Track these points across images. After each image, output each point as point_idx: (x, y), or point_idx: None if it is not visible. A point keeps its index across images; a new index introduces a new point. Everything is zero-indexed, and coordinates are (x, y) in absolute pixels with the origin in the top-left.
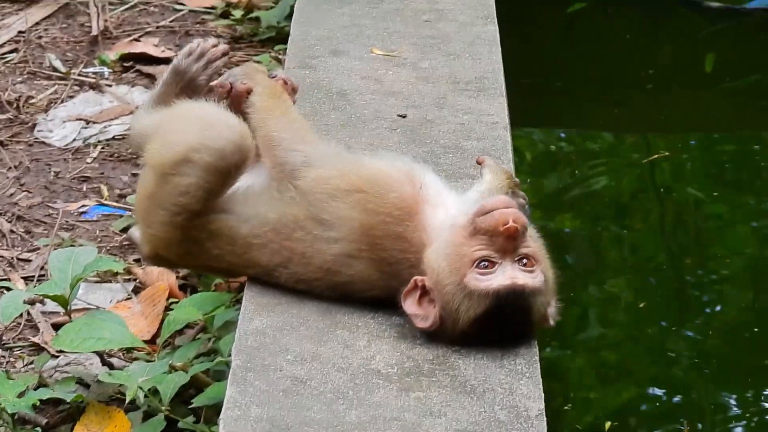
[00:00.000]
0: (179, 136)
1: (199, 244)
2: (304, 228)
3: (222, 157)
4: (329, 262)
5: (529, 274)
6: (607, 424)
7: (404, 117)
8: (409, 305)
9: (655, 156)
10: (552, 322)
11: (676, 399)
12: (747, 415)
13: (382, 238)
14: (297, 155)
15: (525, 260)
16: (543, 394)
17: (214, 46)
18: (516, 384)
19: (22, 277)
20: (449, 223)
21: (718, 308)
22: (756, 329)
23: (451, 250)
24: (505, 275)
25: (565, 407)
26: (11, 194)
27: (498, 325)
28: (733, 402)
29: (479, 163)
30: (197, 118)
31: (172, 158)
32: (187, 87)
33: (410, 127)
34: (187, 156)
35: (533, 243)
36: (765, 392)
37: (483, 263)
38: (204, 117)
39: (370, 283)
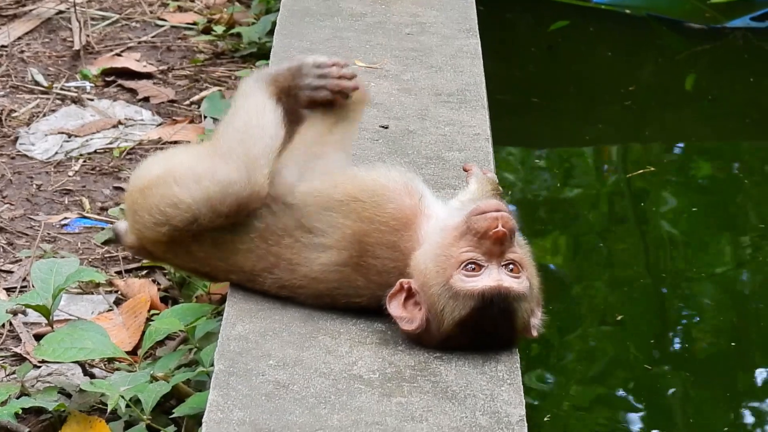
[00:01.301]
0: (210, 155)
1: (184, 246)
2: (292, 236)
3: (222, 202)
4: (316, 270)
5: (515, 279)
6: None
7: (386, 128)
8: (395, 308)
9: (641, 171)
10: (535, 333)
11: (655, 412)
12: (725, 428)
13: (375, 246)
14: (292, 170)
15: (511, 266)
16: (524, 401)
17: (350, 77)
18: (497, 390)
19: (4, 288)
20: (439, 226)
21: (697, 322)
22: (734, 344)
23: (439, 251)
24: (491, 277)
25: (545, 418)
26: None
27: (481, 328)
28: (712, 415)
29: (466, 170)
30: (245, 156)
31: (187, 167)
32: (293, 88)
33: (392, 138)
34: (200, 174)
35: (520, 249)
36: (744, 406)
37: (470, 265)
38: (249, 156)
39: (356, 291)
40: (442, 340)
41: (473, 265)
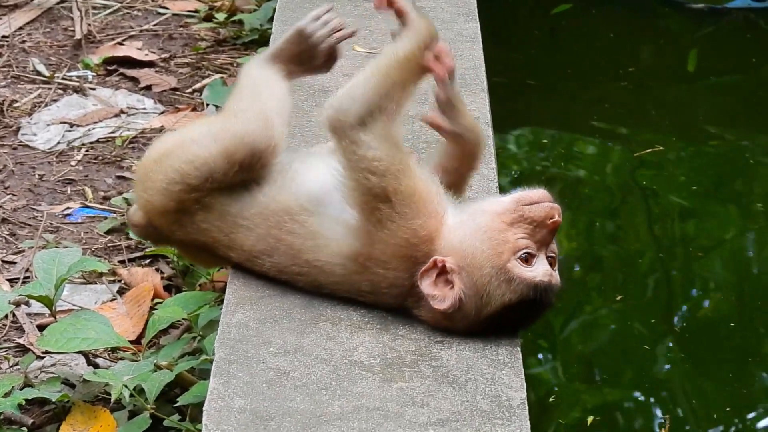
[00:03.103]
0: (224, 118)
1: (190, 214)
2: (297, 220)
3: (238, 151)
4: (322, 260)
5: (556, 273)
6: (590, 419)
7: None
8: (427, 285)
9: (648, 150)
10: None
11: (658, 393)
12: (727, 409)
13: (391, 258)
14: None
15: (551, 258)
16: (525, 384)
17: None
18: (498, 374)
19: (7, 279)
20: (481, 209)
21: (700, 304)
22: (735, 324)
23: (490, 234)
24: (545, 270)
25: (550, 399)
26: None
27: (520, 317)
28: (714, 396)
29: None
30: (259, 111)
31: (203, 129)
32: (305, 51)
33: None
34: (216, 132)
35: (555, 246)
36: (745, 387)
37: (524, 253)
38: (263, 112)
39: (358, 292)
40: (473, 324)
41: (527, 254)
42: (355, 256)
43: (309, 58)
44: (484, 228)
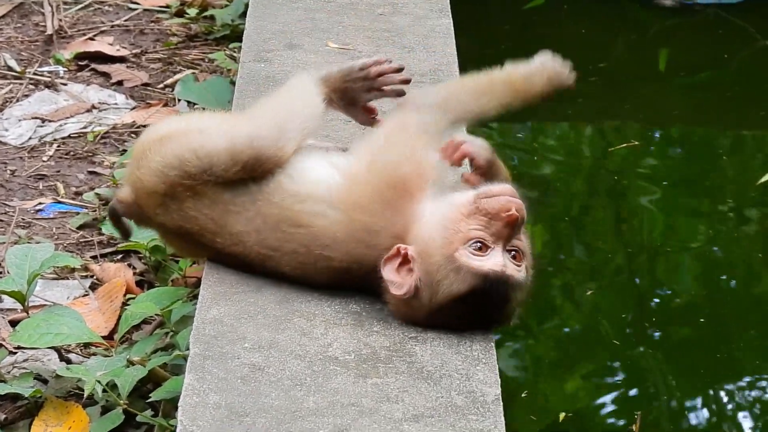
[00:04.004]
0: (242, 119)
1: (178, 201)
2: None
3: (244, 152)
4: (304, 215)
5: (517, 267)
6: (562, 415)
7: None
8: (388, 271)
9: (624, 145)
10: (513, 322)
11: (630, 389)
12: (698, 405)
13: (373, 201)
14: None
15: (515, 253)
16: (499, 380)
17: (397, 70)
18: (472, 370)
19: None
20: (446, 201)
21: (671, 299)
22: (706, 320)
23: (446, 223)
24: (496, 261)
25: (522, 395)
26: None
27: (474, 308)
28: (685, 391)
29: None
30: (278, 121)
31: (216, 123)
32: (351, 90)
33: None
34: (227, 129)
35: (524, 239)
36: (716, 383)
37: (476, 243)
38: (283, 122)
39: (334, 242)
40: (429, 313)
41: (480, 244)
42: (343, 201)
43: (351, 98)
44: (443, 217)
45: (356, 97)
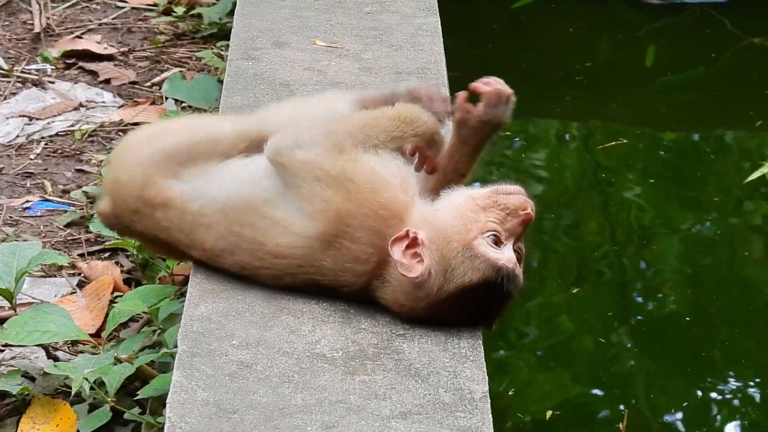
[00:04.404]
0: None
1: (151, 208)
2: (258, 212)
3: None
4: (283, 244)
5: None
6: (548, 413)
7: None
8: (397, 252)
9: (613, 143)
10: (492, 328)
11: (616, 387)
12: (685, 403)
13: (356, 229)
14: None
15: (517, 255)
16: (487, 377)
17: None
18: (460, 367)
19: None
20: (459, 193)
21: (656, 297)
22: (691, 317)
23: (462, 212)
24: (510, 256)
25: (509, 393)
26: None
27: (479, 301)
28: (672, 389)
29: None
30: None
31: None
32: None
33: None
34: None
35: (524, 247)
36: (702, 380)
37: (493, 236)
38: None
39: (320, 270)
40: (433, 303)
41: (495, 237)
42: (320, 234)
43: None
44: (458, 207)
45: None
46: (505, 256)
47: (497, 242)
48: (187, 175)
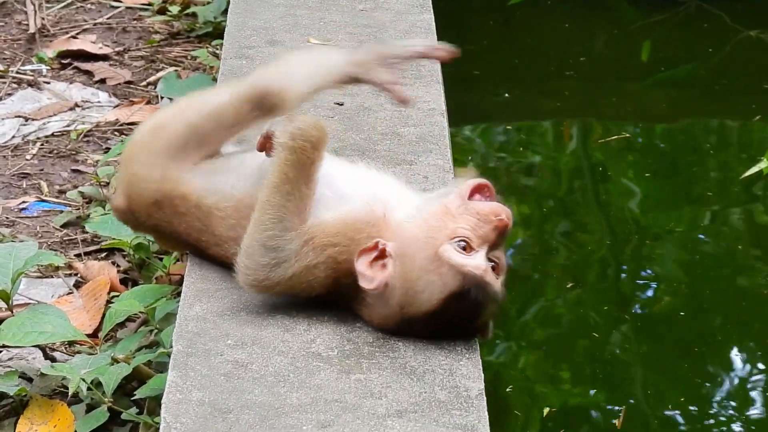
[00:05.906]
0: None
1: (170, 199)
2: None
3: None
4: None
5: (495, 277)
6: (546, 410)
7: (341, 105)
8: (361, 263)
9: (615, 137)
10: (488, 336)
11: (613, 383)
12: (682, 399)
13: (348, 262)
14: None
15: (494, 264)
16: (483, 375)
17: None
18: (456, 365)
19: None
20: (430, 198)
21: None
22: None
23: (432, 222)
24: (479, 263)
25: (506, 390)
26: None
27: (454, 311)
28: (669, 387)
29: None
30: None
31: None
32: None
33: (347, 115)
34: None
35: (503, 255)
36: (698, 376)
37: (462, 242)
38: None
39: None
40: (399, 320)
41: (465, 243)
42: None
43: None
44: (430, 215)
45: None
46: (474, 262)
47: (467, 249)
48: (204, 163)
